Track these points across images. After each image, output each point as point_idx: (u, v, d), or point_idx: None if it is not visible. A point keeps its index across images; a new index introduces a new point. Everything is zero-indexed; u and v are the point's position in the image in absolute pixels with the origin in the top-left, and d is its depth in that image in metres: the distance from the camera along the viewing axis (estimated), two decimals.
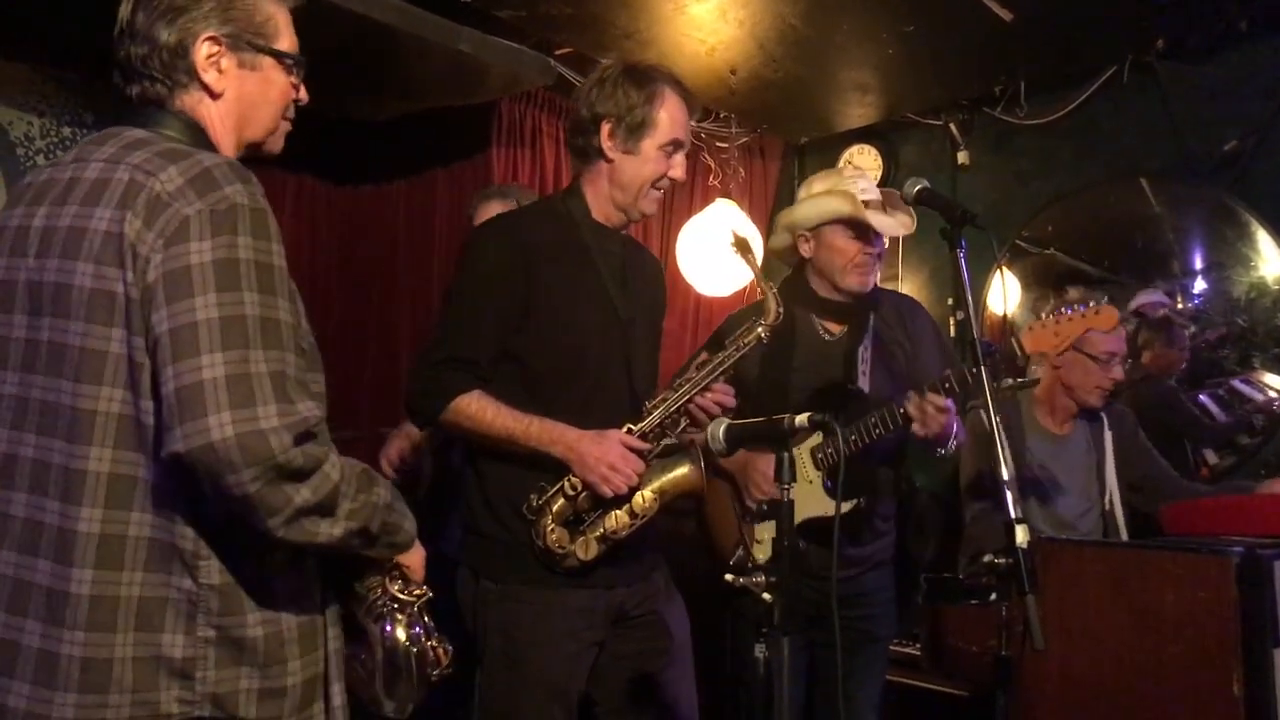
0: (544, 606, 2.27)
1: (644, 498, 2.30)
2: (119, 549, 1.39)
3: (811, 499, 2.64)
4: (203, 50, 1.55)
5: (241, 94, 1.60)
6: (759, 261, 2.43)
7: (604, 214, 2.42)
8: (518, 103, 4.36)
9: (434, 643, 1.65)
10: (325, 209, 4.48)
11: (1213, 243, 4.29)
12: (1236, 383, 4.27)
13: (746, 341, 2.37)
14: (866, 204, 2.79)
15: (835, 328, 2.89)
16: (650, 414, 2.31)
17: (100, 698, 1.36)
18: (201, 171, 1.43)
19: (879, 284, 2.97)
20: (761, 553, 2.71)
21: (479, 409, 2.24)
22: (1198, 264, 4.48)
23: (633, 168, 2.37)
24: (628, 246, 2.52)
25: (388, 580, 1.62)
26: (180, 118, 1.56)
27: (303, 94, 1.68)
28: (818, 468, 2.72)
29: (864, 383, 2.80)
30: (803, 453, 2.73)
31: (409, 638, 1.62)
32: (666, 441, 2.34)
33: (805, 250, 2.89)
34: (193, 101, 1.57)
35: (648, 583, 2.41)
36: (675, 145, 2.39)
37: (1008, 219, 4.50)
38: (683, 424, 2.34)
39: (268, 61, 1.61)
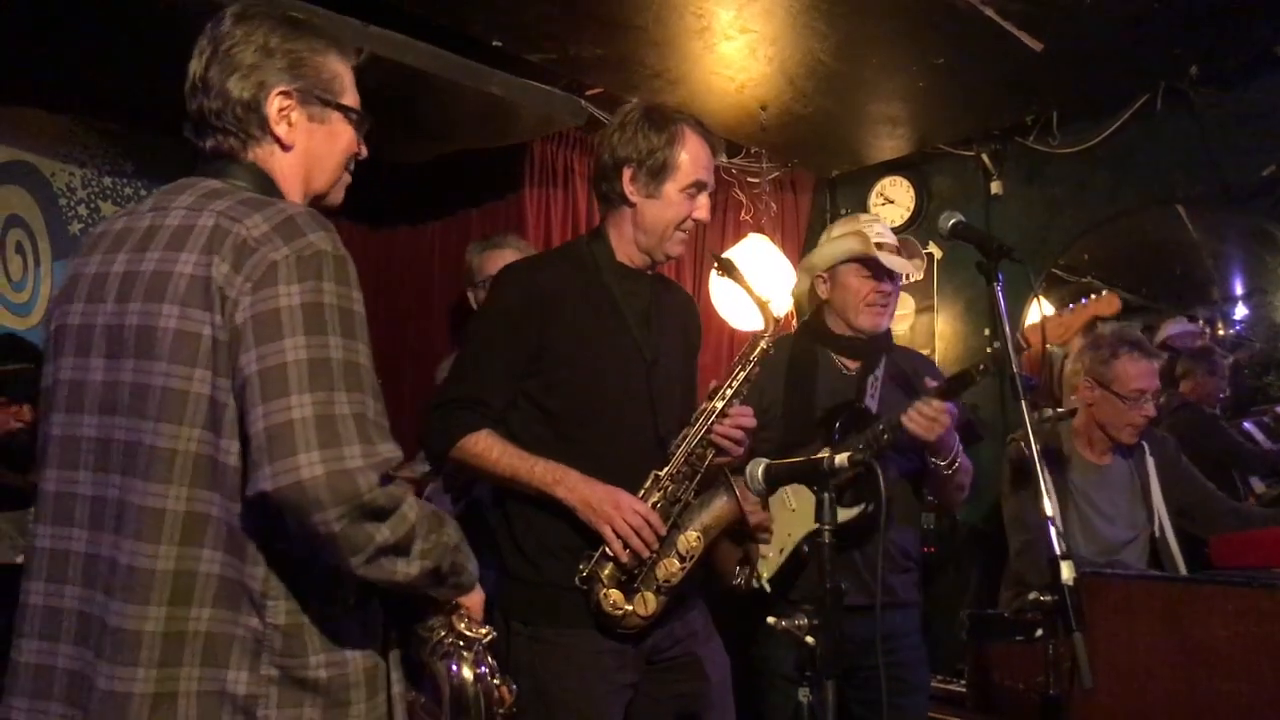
0: (573, 648, 2.25)
1: (689, 539, 2.28)
2: (189, 585, 1.40)
3: (806, 515, 2.62)
4: (275, 104, 1.59)
5: (310, 147, 1.64)
6: (745, 277, 2.44)
7: (628, 256, 2.43)
8: (549, 143, 4.40)
9: (498, 682, 1.65)
10: (361, 251, 4.50)
11: (1252, 268, 4.25)
12: None
13: (751, 358, 2.36)
14: (880, 246, 2.91)
15: (852, 364, 2.96)
16: (674, 454, 2.31)
17: None
18: (286, 219, 1.46)
19: (899, 343, 3.10)
20: (767, 569, 2.70)
21: (485, 448, 2.24)
22: (1238, 290, 4.43)
23: (656, 211, 2.37)
24: (656, 286, 2.51)
25: (454, 619, 1.63)
26: (252, 169, 1.59)
27: (363, 149, 1.73)
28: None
29: (871, 403, 2.87)
30: None
31: (475, 677, 1.62)
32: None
33: (823, 291, 2.99)
34: (265, 154, 1.61)
35: (683, 623, 2.39)
36: (698, 186, 2.38)
37: (1043, 248, 4.47)
38: (710, 455, 2.33)
39: (335, 116, 1.66)
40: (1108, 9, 3.46)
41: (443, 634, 1.62)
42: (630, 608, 2.23)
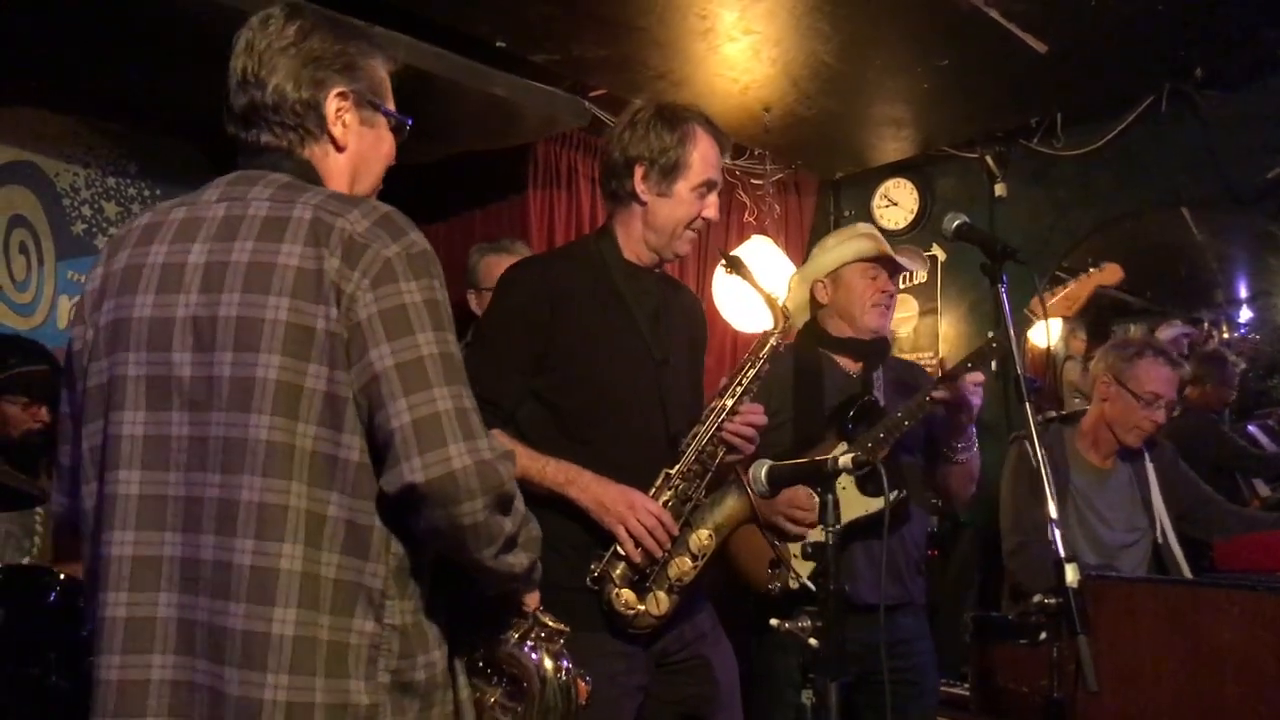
0: (583, 650, 2.24)
1: (700, 537, 2.28)
2: (315, 589, 1.38)
3: (850, 503, 2.61)
4: (333, 105, 1.59)
5: (360, 149, 1.64)
6: (753, 274, 2.43)
7: (636, 254, 2.41)
8: (553, 144, 4.40)
9: (577, 674, 1.66)
10: None
11: (1257, 271, 4.25)
12: None
13: (761, 355, 2.35)
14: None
15: (854, 365, 2.97)
16: (685, 452, 2.30)
17: None
18: (384, 216, 1.47)
19: (901, 345, 3.15)
20: (804, 568, 2.69)
21: None
22: (1242, 293, 4.43)
23: (667, 210, 2.36)
24: (663, 285, 2.50)
25: (536, 612, 1.65)
26: (305, 165, 1.58)
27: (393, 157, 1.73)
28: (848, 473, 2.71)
29: (879, 396, 2.89)
30: None
31: (564, 669, 1.64)
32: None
33: (823, 296, 2.99)
34: (320, 152, 1.60)
35: (692, 625, 2.38)
36: (709, 185, 2.37)
37: (1047, 250, 4.46)
38: (720, 453, 2.31)
39: (381, 120, 1.66)
40: (1112, 11, 3.46)
41: (526, 626, 1.64)
42: (643, 607, 2.22)
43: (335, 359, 1.39)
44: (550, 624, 1.65)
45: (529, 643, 1.62)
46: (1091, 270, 2.69)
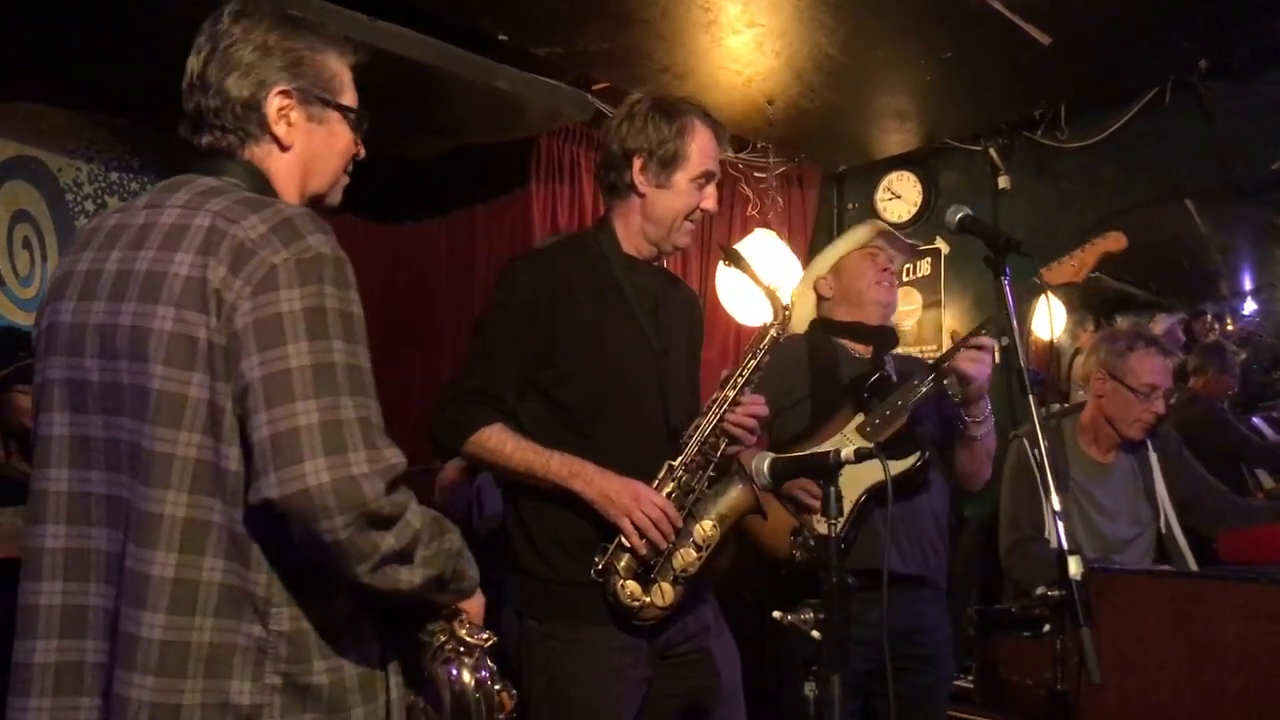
0: (588, 644, 2.25)
1: (704, 528, 2.28)
2: (191, 594, 1.39)
3: (868, 468, 2.61)
4: (274, 104, 1.58)
5: (308, 147, 1.62)
6: (753, 267, 2.43)
7: (636, 247, 2.42)
8: (556, 138, 4.40)
9: (499, 687, 1.63)
10: (366, 246, 4.52)
11: (1262, 263, 4.24)
12: None
13: (761, 346, 2.36)
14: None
15: (864, 350, 2.97)
16: (687, 444, 2.30)
17: None
18: (283, 220, 1.44)
19: (903, 342, 3.19)
20: (824, 527, 2.69)
21: (499, 442, 2.23)
22: (1247, 285, 4.42)
23: (665, 201, 2.37)
24: (661, 278, 2.51)
25: (455, 624, 1.62)
26: (248, 168, 1.57)
27: (360, 149, 1.72)
28: (866, 441, 2.73)
29: (891, 374, 2.88)
30: (849, 433, 2.76)
31: (476, 681, 1.60)
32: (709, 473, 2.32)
33: (827, 290, 3.04)
34: (262, 153, 1.59)
35: (695, 617, 2.39)
36: (707, 176, 2.38)
37: (1051, 242, 4.43)
38: (723, 445, 2.32)
39: (334, 116, 1.65)
40: (1117, 2, 3.45)
41: (443, 639, 1.61)
42: (648, 599, 2.23)
43: (216, 369, 1.39)
44: (467, 637, 1.62)
45: (445, 655, 1.60)
46: (1096, 240, 2.74)
